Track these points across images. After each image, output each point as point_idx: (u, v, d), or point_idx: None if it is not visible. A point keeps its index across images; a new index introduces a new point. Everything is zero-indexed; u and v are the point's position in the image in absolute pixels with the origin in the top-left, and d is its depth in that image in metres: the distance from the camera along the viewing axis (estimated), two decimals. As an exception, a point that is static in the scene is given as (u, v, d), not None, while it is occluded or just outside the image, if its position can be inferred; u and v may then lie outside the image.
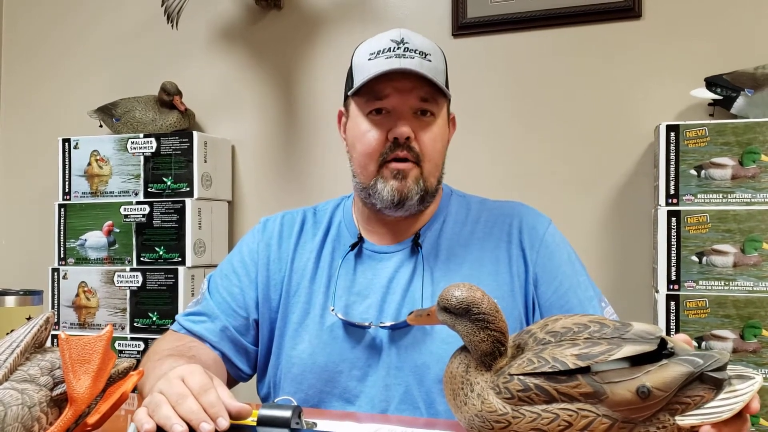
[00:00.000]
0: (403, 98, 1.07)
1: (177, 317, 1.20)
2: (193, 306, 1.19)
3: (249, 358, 1.17)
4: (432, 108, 1.09)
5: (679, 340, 0.73)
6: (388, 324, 1.07)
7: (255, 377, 1.21)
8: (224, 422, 0.74)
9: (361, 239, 1.16)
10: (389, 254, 1.14)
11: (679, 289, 1.62)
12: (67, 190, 2.20)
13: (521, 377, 0.70)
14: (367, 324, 1.08)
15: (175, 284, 2.05)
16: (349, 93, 1.11)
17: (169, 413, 0.74)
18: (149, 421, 0.74)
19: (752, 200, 1.59)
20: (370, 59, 1.07)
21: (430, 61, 1.07)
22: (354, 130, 1.11)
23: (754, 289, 1.58)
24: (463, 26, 2.05)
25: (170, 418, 0.73)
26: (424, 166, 1.08)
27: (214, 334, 1.14)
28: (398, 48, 1.06)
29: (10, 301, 1.19)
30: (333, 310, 1.10)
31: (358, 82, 1.08)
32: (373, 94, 1.07)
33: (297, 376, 1.10)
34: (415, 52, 1.06)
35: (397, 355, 1.07)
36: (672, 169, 1.64)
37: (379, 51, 1.07)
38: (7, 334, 0.75)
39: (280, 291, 1.16)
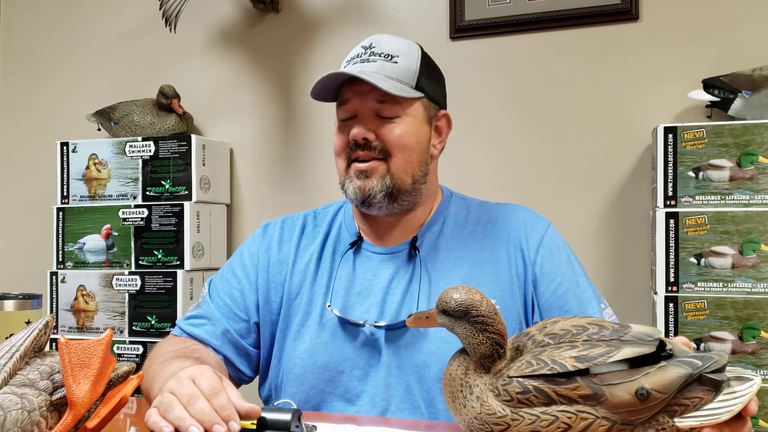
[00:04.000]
0: (361, 101, 1.10)
1: (178, 321, 1.20)
2: (193, 310, 1.20)
3: (250, 360, 1.18)
4: (392, 110, 1.09)
5: (678, 343, 0.73)
6: (382, 324, 1.07)
7: (256, 379, 1.22)
8: (236, 425, 0.74)
9: (360, 238, 1.16)
10: (389, 255, 1.14)
11: (677, 291, 1.62)
12: (65, 194, 2.20)
13: (520, 379, 0.70)
14: (361, 322, 1.08)
15: (174, 287, 2.05)
16: (311, 96, 1.18)
17: (183, 414, 0.74)
18: (167, 425, 0.74)
19: (750, 202, 1.59)
20: (344, 66, 1.13)
21: (396, 62, 1.09)
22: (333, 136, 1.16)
23: (753, 290, 1.58)
24: (461, 29, 2.05)
25: (184, 420, 0.73)
26: (392, 161, 1.09)
27: (216, 337, 1.14)
28: (365, 53, 1.11)
29: (9, 305, 1.19)
30: (329, 305, 1.10)
31: (318, 92, 1.15)
32: (340, 101, 1.14)
33: (298, 376, 1.11)
34: (380, 56, 1.10)
35: (398, 355, 1.07)
36: (670, 170, 1.64)
37: (351, 58, 1.13)
38: (7, 338, 0.75)
39: (281, 294, 1.16)
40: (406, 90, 1.09)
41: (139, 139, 2.13)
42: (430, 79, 1.14)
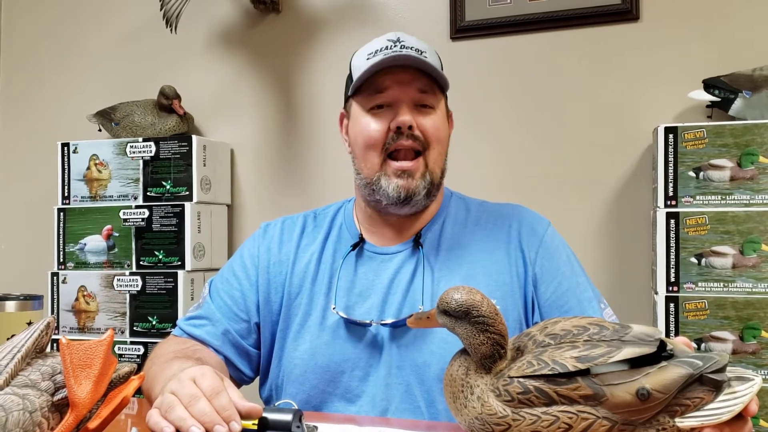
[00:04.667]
0: (402, 90, 1.09)
1: (178, 322, 1.20)
2: (194, 310, 1.20)
3: (251, 361, 1.18)
4: (431, 100, 1.11)
5: (679, 343, 0.73)
6: (389, 321, 1.08)
7: (257, 380, 1.22)
8: (237, 426, 0.74)
9: (362, 240, 1.16)
10: (390, 255, 1.14)
11: (678, 291, 1.62)
12: (66, 195, 2.20)
13: (521, 380, 0.70)
14: (368, 322, 1.08)
15: (175, 288, 2.05)
16: (350, 92, 1.14)
17: (184, 414, 0.74)
18: (168, 426, 0.74)
19: (751, 201, 1.59)
20: (368, 59, 1.10)
21: (425, 57, 1.09)
22: (356, 127, 1.13)
23: (753, 290, 1.58)
24: (462, 29, 2.05)
25: (185, 420, 0.74)
26: (430, 154, 1.10)
27: (216, 337, 1.15)
28: (395, 45, 1.10)
29: (10, 306, 1.19)
30: (334, 308, 1.10)
31: (358, 80, 1.10)
32: (373, 88, 1.10)
33: (299, 376, 1.11)
34: (411, 49, 1.09)
35: (398, 354, 1.07)
36: (670, 170, 1.64)
37: (377, 50, 1.10)
38: (8, 339, 0.75)
39: (282, 294, 1.16)
40: (444, 79, 1.12)
41: (140, 139, 2.13)
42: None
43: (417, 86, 1.09)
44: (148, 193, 2.12)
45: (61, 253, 2.18)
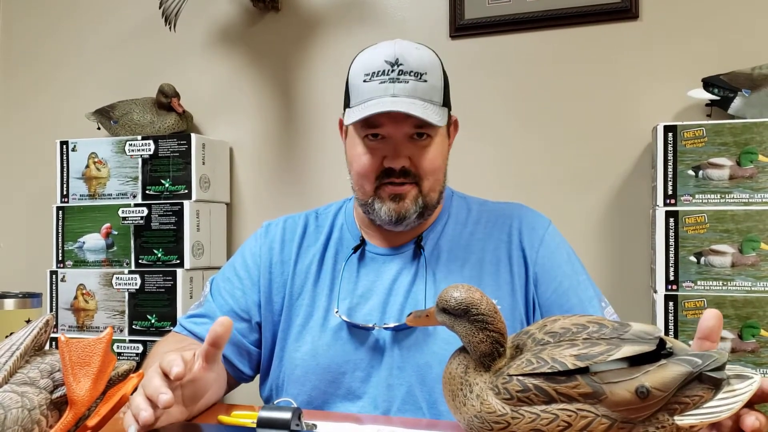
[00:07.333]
0: (397, 127, 1.06)
1: (179, 319, 1.20)
2: (195, 308, 1.20)
3: (251, 360, 1.18)
4: (428, 131, 1.08)
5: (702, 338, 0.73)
6: (391, 325, 1.07)
7: (257, 379, 1.22)
8: (165, 397, 0.79)
9: (363, 242, 1.16)
10: (391, 256, 1.14)
11: (677, 290, 1.62)
12: (65, 193, 2.20)
13: (520, 378, 0.70)
14: (370, 325, 1.08)
15: (174, 286, 2.05)
16: (345, 122, 1.11)
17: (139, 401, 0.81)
18: (132, 422, 0.80)
19: (750, 200, 1.59)
20: (365, 81, 1.06)
21: (425, 81, 1.06)
22: (351, 150, 1.12)
23: (752, 289, 1.58)
24: (461, 28, 2.05)
25: (139, 405, 0.80)
26: (423, 184, 1.09)
27: (216, 335, 1.14)
28: (392, 71, 1.05)
29: (9, 303, 1.19)
30: (337, 312, 1.10)
31: (354, 105, 1.08)
32: (367, 123, 1.07)
33: (300, 377, 1.10)
34: (409, 75, 1.05)
35: (400, 356, 1.07)
36: (670, 169, 1.64)
37: (374, 73, 1.06)
38: (7, 336, 0.75)
39: (283, 294, 1.16)
40: (443, 113, 1.08)
41: (139, 137, 2.13)
42: (447, 87, 1.12)
43: (412, 123, 1.06)
44: (147, 192, 2.12)
45: (60, 251, 2.18)
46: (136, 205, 2.11)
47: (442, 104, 1.09)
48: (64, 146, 2.20)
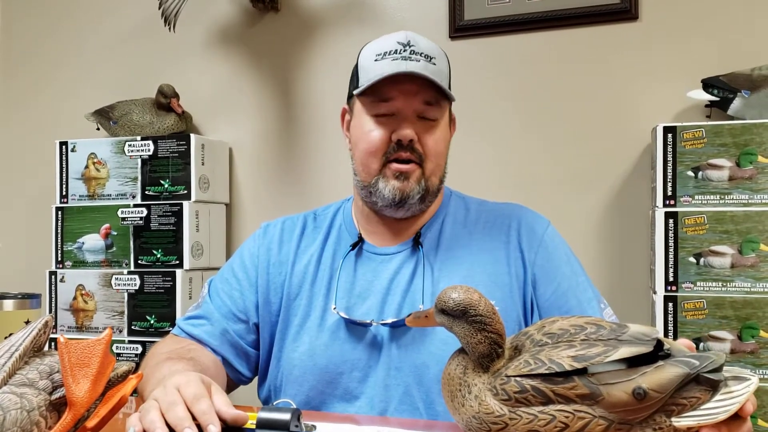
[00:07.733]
0: (408, 101, 1.08)
1: (177, 321, 1.20)
2: (193, 310, 1.20)
3: (249, 361, 1.18)
4: (435, 112, 1.10)
5: (678, 343, 0.73)
6: (389, 321, 1.07)
7: (255, 380, 1.22)
8: (214, 429, 0.74)
9: (361, 239, 1.16)
10: (390, 255, 1.14)
11: (676, 291, 1.62)
12: (64, 193, 2.20)
13: (518, 379, 0.70)
14: (368, 321, 1.08)
15: (173, 287, 2.05)
16: (354, 93, 1.12)
17: (155, 418, 0.75)
18: (137, 424, 0.76)
19: (749, 201, 1.60)
20: (376, 60, 1.08)
21: (434, 64, 1.08)
22: (358, 129, 1.12)
23: (752, 290, 1.58)
24: (461, 28, 2.05)
25: (154, 422, 0.74)
26: (427, 166, 1.10)
27: (214, 337, 1.15)
28: (404, 50, 1.07)
29: (8, 304, 1.19)
30: (335, 308, 1.10)
31: (363, 82, 1.09)
32: (378, 96, 1.08)
33: (298, 377, 1.10)
34: (420, 55, 1.07)
35: (397, 356, 1.07)
36: (669, 170, 1.64)
37: (386, 53, 1.08)
38: (6, 337, 0.75)
39: (281, 295, 1.16)
40: (450, 94, 1.10)
41: (138, 138, 2.13)
42: (450, 79, 1.15)
43: (422, 98, 1.08)
44: (146, 192, 2.12)
45: (59, 251, 2.18)
46: (136, 205, 2.11)
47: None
48: (64, 147, 2.20)
